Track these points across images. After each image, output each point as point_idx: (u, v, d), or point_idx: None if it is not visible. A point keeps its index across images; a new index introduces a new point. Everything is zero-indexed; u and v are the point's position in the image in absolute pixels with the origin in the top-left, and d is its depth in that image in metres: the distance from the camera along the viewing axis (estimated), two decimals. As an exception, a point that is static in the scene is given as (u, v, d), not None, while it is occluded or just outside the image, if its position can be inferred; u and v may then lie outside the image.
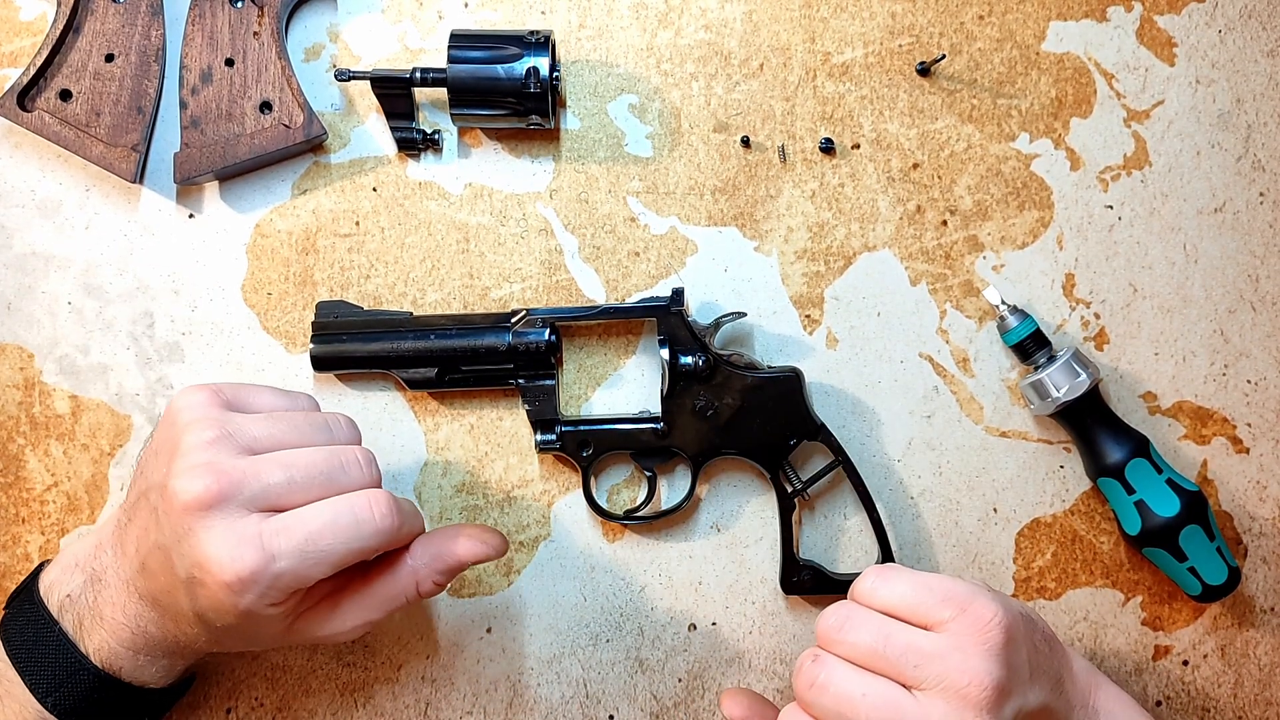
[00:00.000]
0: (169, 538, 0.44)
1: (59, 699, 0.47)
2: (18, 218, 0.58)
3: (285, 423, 0.47)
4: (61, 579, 0.49)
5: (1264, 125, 0.59)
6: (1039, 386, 0.55)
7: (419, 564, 0.49)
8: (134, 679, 0.49)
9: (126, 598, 0.48)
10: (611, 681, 0.58)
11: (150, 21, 0.56)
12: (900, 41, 0.59)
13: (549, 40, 0.55)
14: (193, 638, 0.47)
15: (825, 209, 0.58)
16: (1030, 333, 0.56)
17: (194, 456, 0.44)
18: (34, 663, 0.48)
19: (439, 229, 0.59)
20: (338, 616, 0.49)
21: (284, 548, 0.43)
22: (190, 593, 0.45)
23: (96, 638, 0.48)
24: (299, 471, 0.45)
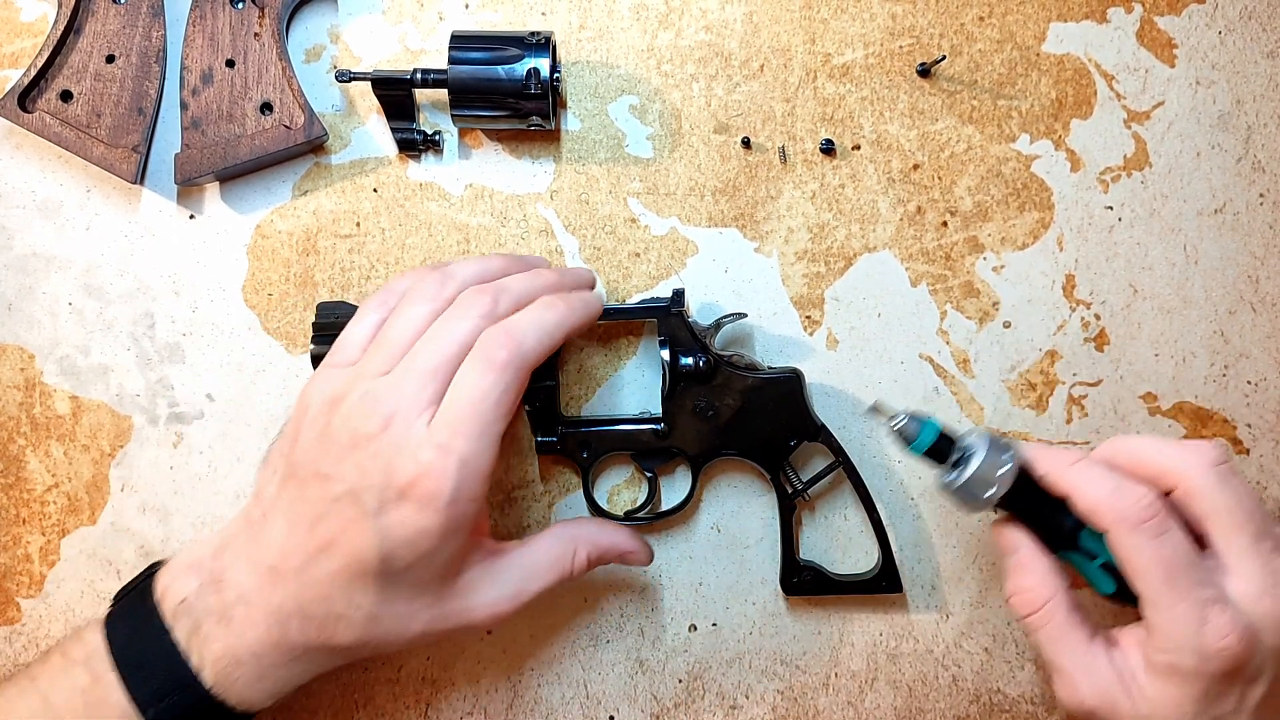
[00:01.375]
0: (348, 483, 0.45)
1: (160, 712, 0.45)
2: (18, 218, 0.58)
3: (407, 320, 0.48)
4: (177, 583, 0.47)
5: (1264, 126, 0.59)
6: (968, 490, 0.49)
7: (579, 533, 0.51)
8: (241, 701, 0.46)
9: (270, 590, 0.46)
10: (612, 682, 0.58)
11: (151, 22, 0.57)
12: (900, 43, 0.59)
13: (549, 41, 0.55)
14: (346, 622, 0.46)
15: (826, 210, 0.59)
16: (937, 435, 0.49)
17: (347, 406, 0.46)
18: (141, 671, 0.45)
19: (440, 230, 0.59)
20: (497, 581, 0.48)
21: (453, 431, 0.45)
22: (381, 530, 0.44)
23: (218, 645, 0.46)
24: (444, 352, 0.46)
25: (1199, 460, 0.46)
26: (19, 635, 0.58)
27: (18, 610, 0.58)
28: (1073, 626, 0.48)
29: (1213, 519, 0.46)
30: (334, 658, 0.48)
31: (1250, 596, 0.45)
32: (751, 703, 0.58)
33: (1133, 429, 0.58)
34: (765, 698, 0.58)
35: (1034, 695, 0.58)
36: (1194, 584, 0.44)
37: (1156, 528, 0.45)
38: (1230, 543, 0.45)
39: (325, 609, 0.46)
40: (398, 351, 0.47)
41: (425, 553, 0.45)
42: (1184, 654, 0.44)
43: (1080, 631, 0.47)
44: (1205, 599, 0.44)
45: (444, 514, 0.45)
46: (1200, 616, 0.44)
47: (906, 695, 0.58)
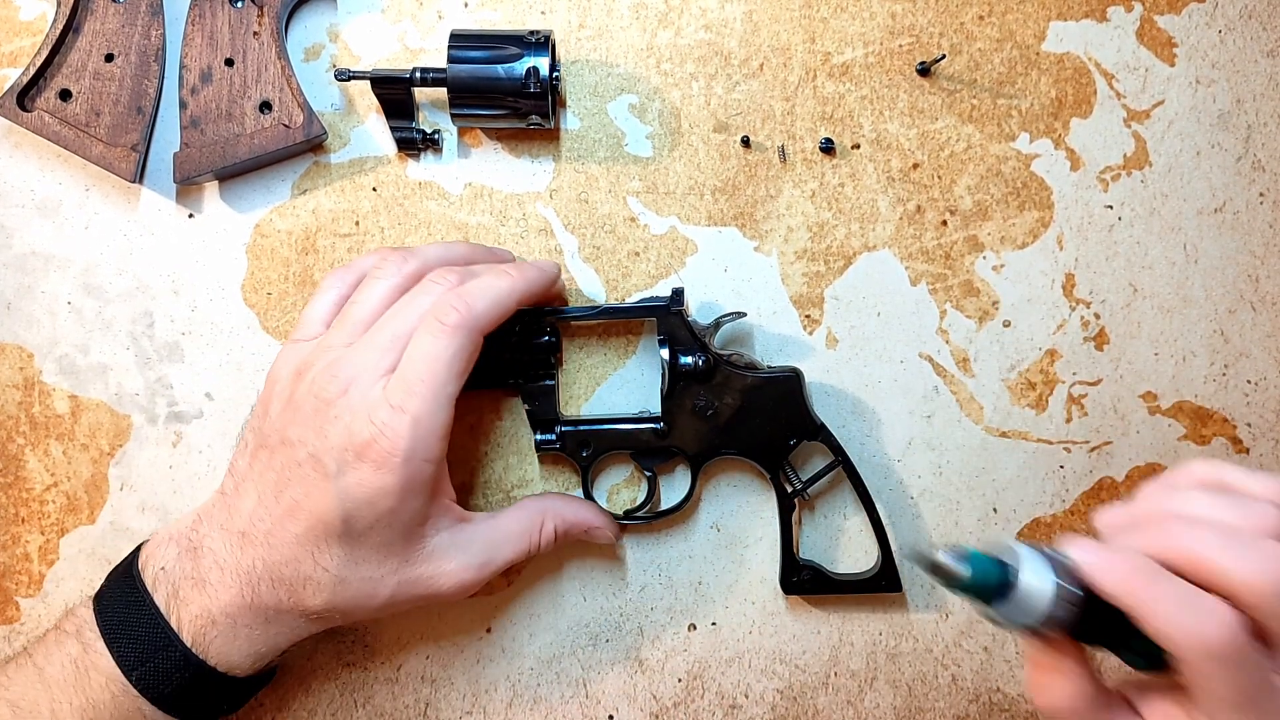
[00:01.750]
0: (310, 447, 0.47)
1: (144, 673, 0.47)
2: (17, 217, 0.58)
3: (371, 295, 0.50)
4: (156, 553, 0.50)
5: (1264, 125, 0.59)
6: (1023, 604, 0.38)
7: (547, 506, 0.53)
8: (221, 660, 0.48)
9: (240, 553, 0.48)
10: (611, 681, 0.58)
11: (150, 21, 0.56)
12: (900, 41, 0.59)
13: (549, 40, 0.55)
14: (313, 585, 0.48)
15: (825, 209, 0.58)
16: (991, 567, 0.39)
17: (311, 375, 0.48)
18: (124, 636, 0.48)
19: (439, 229, 0.59)
20: (463, 549, 0.50)
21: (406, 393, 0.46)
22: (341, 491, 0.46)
23: (194, 606, 0.48)
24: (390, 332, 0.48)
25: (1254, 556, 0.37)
26: (18, 635, 0.58)
27: (17, 609, 0.58)
28: None
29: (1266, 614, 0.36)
30: (306, 622, 0.50)
31: None
32: (751, 702, 0.58)
33: (1133, 428, 0.58)
34: (765, 697, 0.58)
35: (1034, 695, 0.58)
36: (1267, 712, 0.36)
37: (1238, 656, 0.36)
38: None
39: (293, 570, 0.48)
40: (361, 325, 0.49)
41: (385, 512, 0.47)
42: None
43: None
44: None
45: (399, 472, 0.46)
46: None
47: (906, 695, 0.58)
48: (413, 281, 0.51)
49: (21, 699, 0.48)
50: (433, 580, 0.49)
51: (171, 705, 0.48)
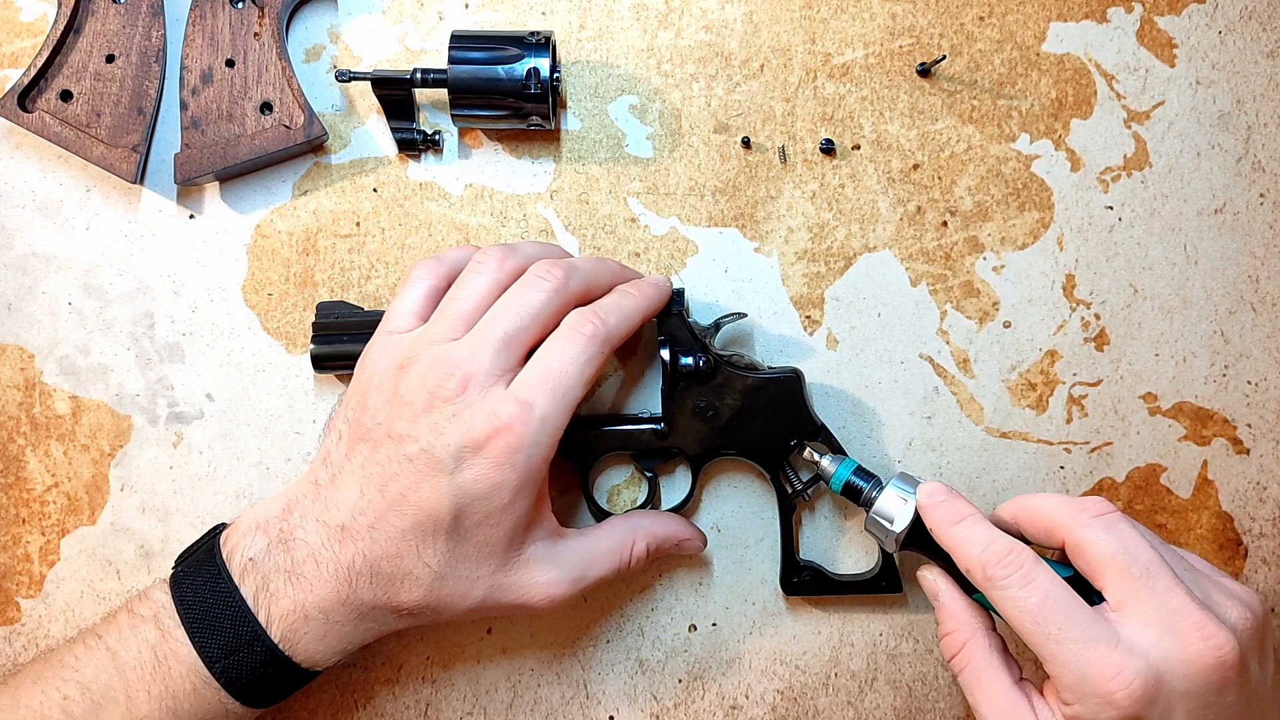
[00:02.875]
0: (423, 442, 0.47)
1: (227, 667, 0.46)
2: (18, 218, 0.58)
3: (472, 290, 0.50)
4: (243, 543, 0.48)
5: (1264, 126, 0.59)
6: (875, 523, 0.52)
7: (637, 525, 0.53)
8: (307, 657, 0.48)
9: (339, 547, 0.47)
10: (611, 682, 0.58)
11: (151, 22, 0.57)
12: (900, 42, 0.59)
13: (549, 41, 0.55)
14: (412, 580, 0.48)
15: (825, 210, 0.59)
16: (853, 470, 0.53)
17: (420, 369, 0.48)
18: (208, 627, 0.47)
19: (440, 230, 0.59)
20: (557, 563, 0.50)
21: (533, 392, 0.47)
22: (457, 486, 0.46)
23: (286, 600, 0.47)
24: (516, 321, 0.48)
25: (1080, 513, 0.47)
26: (19, 635, 0.58)
27: (17, 610, 0.58)
28: (994, 669, 0.48)
29: (1099, 567, 0.46)
30: (397, 619, 0.49)
31: (1150, 639, 0.44)
32: (751, 703, 0.58)
33: (1133, 429, 0.58)
34: (765, 698, 0.58)
35: (1034, 695, 0.58)
36: (1074, 627, 0.44)
37: (1022, 579, 0.45)
38: (1120, 587, 0.45)
39: (394, 566, 0.47)
40: (463, 318, 0.49)
41: (496, 509, 0.47)
42: (1084, 702, 0.44)
43: (1002, 674, 0.47)
44: (1087, 640, 0.44)
45: (519, 469, 0.46)
46: (1085, 659, 0.43)
47: (906, 695, 0.58)
48: (512, 277, 0.50)
49: (93, 682, 0.47)
50: (525, 589, 0.49)
51: (249, 697, 0.47)
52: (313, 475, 0.50)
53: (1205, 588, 0.46)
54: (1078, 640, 0.44)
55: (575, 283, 0.50)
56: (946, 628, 0.50)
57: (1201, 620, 0.43)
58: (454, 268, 0.52)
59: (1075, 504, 0.48)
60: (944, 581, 0.51)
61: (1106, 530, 0.46)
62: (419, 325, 0.50)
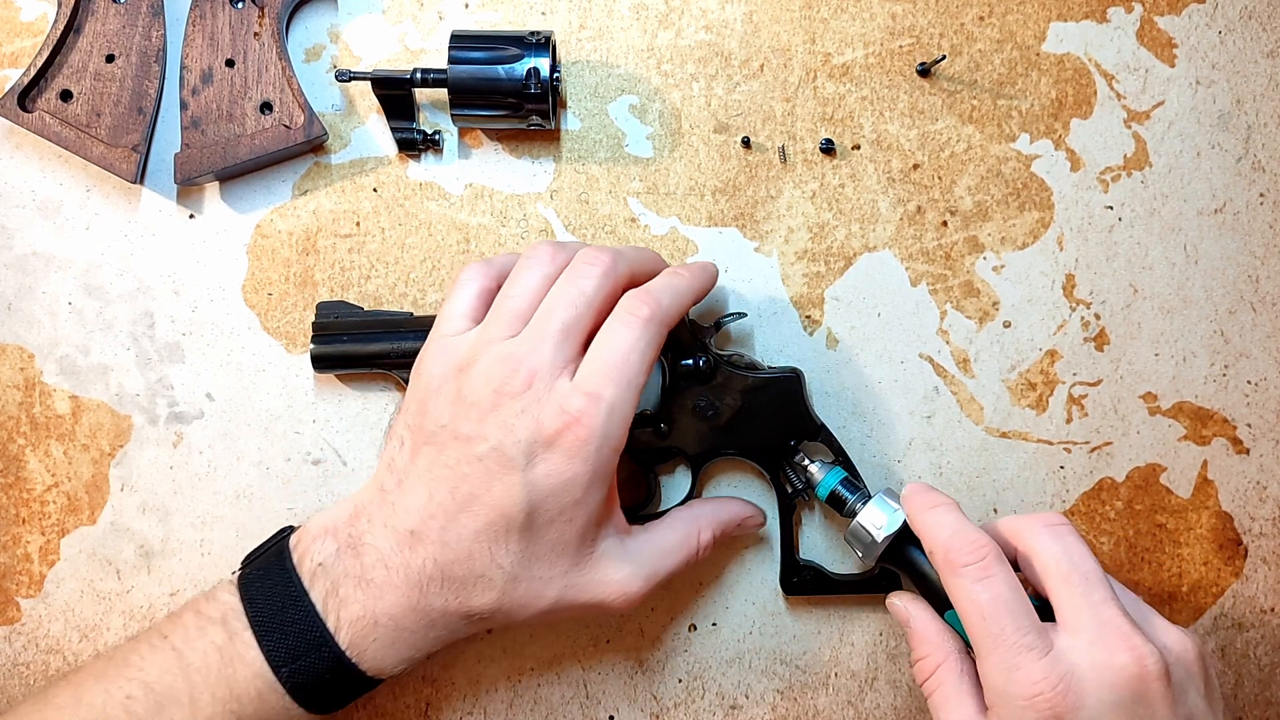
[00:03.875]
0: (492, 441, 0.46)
1: (293, 672, 0.46)
2: (18, 218, 0.58)
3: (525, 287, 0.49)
4: (313, 548, 0.48)
5: (1264, 126, 0.59)
6: (857, 533, 0.52)
7: (699, 513, 0.53)
8: (373, 664, 0.47)
9: (410, 552, 0.47)
10: (611, 682, 0.58)
11: (151, 22, 0.57)
12: (900, 42, 0.59)
13: (549, 41, 0.55)
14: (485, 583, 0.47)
15: (825, 210, 0.59)
16: (840, 479, 0.53)
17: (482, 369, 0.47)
18: (276, 631, 0.46)
19: (439, 229, 0.59)
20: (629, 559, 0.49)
21: (599, 381, 0.46)
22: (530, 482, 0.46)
23: (356, 606, 0.47)
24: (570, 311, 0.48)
25: (1033, 522, 0.48)
26: (18, 635, 0.58)
27: (17, 610, 0.58)
28: (963, 694, 0.48)
29: (1045, 574, 0.47)
30: (467, 624, 0.49)
31: (1079, 648, 0.45)
32: (751, 702, 0.58)
33: (1133, 429, 0.58)
34: (765, 697, 0.58)
35: (1034, 695, 0.58)
36: (1014, 632, 0.45)
37: (980, 572, 0.46)
38: (1060, 594, 0.46)
39: (466, 569, 0.47)
40: (520, 314, 0.49)
41: (569, 504, 0.47)
42: (1003, 704, 0.45)
43: (968, 699, 0.48)
44: (1021, 646, 0.44)
45: (591, 460, 0.46)
46: (1013, 664, 0.44)
47: (906, 695, 0.58)
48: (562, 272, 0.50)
49: (158, 682, 0.46)
50: (600, 587, 0.49)
51: (313, 703, 0.47)
52: (377, 482, 0.50)
53: (1145, 614, 0.48)
54: (1014, 645, 0.45)
55: (622, 266, 0.50)
56: (919, 652, 0.50)
57: (1128, 632, 0.44)
58: (502, 269, 0.52)
59: (1031, 516, 0.49)
60: (915, 606, 0.51)
61: (1055, 539, 0.47)
62: (473, 327, 0.50)
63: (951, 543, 0.47)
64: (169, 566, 0.58)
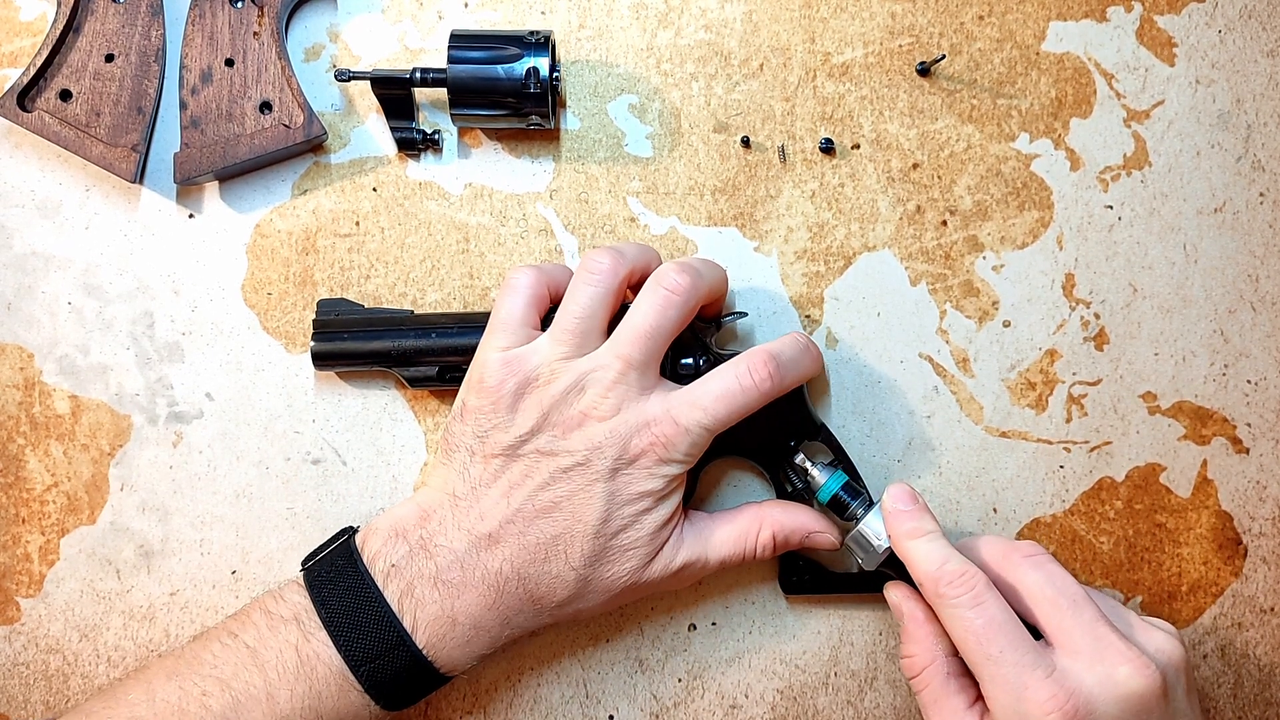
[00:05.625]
0: (578, 457, 0.49)
1: (372, 670, 0.47)
2: (17, 218, 0.58)
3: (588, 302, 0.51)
4: (384, 549, 0.49)
5: (1264, 125, 0.59)
6: (860, 539, 0.52)
7: (765, 513, 0.53)
8: (448, 662, 0.49)
9: (488, 555, 0.49)
10: (611, 681, 0.58)
11: (150, 22, 0.57)
12: (900, 42, 0.59)
13: (549, 40, 0.55)
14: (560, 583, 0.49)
15: (825, 209, 0.59)
16: (842, 485, 0.53)
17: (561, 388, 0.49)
18: (353, 631, 0.47)
19: (439, 229, 0.59)
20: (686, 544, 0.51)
21: (691, 419, 0.49)
22: (609, 493, 0.49)
23: (433, 607, 0.48)
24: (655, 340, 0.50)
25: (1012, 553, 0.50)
26: (18, 635, 0.58)
27: (17, 609, 0.58)
28: (950, 693, 0.49)
29: (1031, 604, 0.48)
30: (540, 617, 0.50)
31: (1080, 667, 0.46)
32: (751, 702, 0.58)
33: (1133, 428, 0.58)
34: (765, 697, 0.58)
35: (1034, 694, 0.58)
36: (1015, 654, 0.46)
37: (972, 600, 0.47)
38: (1051, 620, 0.47)
39: (541, 570, 0.49)
40: (587, 334, 0.50)
41: (642, 511, 0.49)
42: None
43: (958, 698, 0.49)
44: (1024, 666, 0.46)
45: (665, 480, 0.49)
46: (1020, 684, 0.45)
47: (906, 695, 0.58)
48: (623, 284, 0.51)
49: (234, 679, 0.47)
50: (662, 572, 0.51)
51: (389, 700, 0.48)
52: (447, 488, 0.50)
53: (1129, 622, 0.49)
54: (1016, 665, 0.46)
55: (702, 289, 0.51)
56: (908, 650, 0.51)
57: (1124, 647, 0.46)
58: (553, 276, 0.53)
59: (1008, 546, 0.50)
60: (910, 604, 0.52)
61: (1036, 569, 0.49)
62: (533, 336, 0.51)
63: (940, 575, 0.48)
64: (169, 566, 0.58)
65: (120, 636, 0.58)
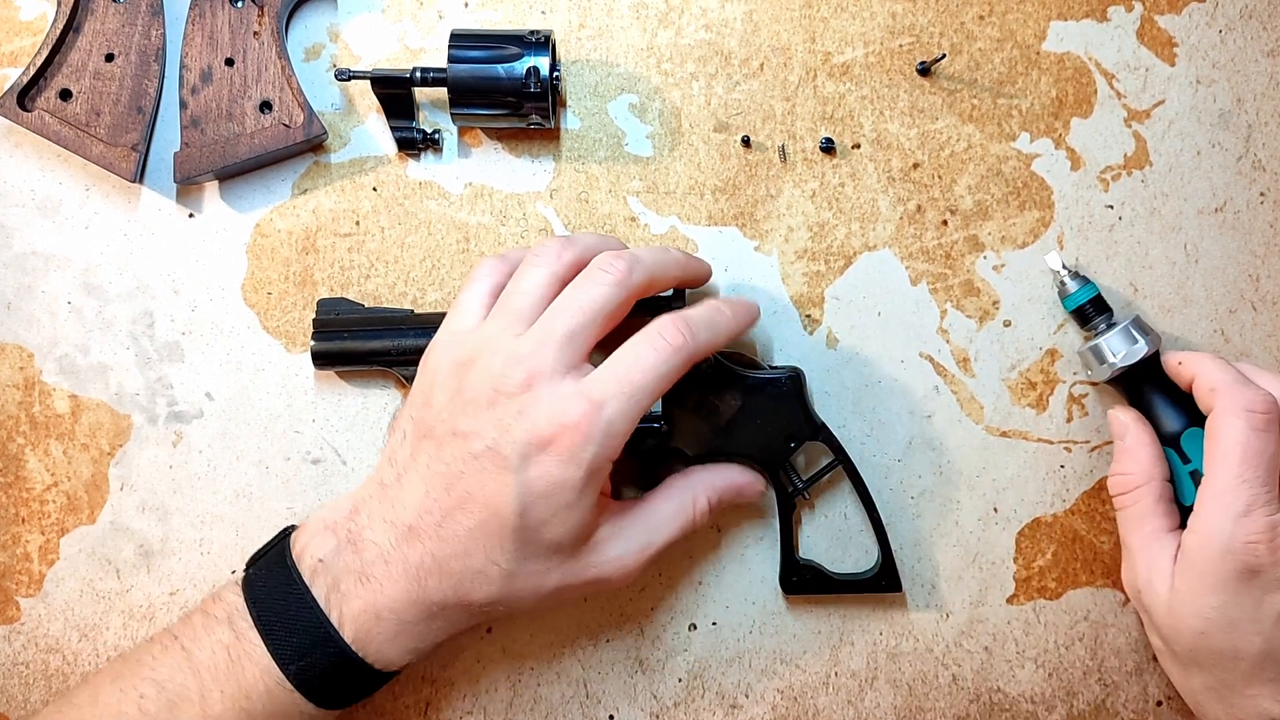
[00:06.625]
0: (488, 439, 0.46)
1: (301, 669, 0.47)
2: (18, 217, 0.58)
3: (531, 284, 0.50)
4: (313, 544, 0.49)
5: (1264, 125, 0.59)
6: (1097, 351, 0.55)
7: (695, 480, 0.53)
8: (379, 657, 0.48)
9: (408, 548, 0.47)
10: (611, 681, 0.58)
11: (150, 21, 0.56)
12: (901, 41, 0.59)
13: (549, 40, 0.55)
14: (483, 579, 0.47)
15: (825, 209, 0.58)
16: (1090, 298, 0.55)
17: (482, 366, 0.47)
18: (281, 629, 0.47)
19: (439, 228, 0.59)
20: (623, 536, 0.50)
21: (605, 392, 0.46)
22: (522, 484, 0.46)
23: (358, 601, 0.47)
24: (579, 317, 0.48)
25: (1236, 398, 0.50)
26: (18, 634, 0.58)
27: (17, 609, 0.58)
28: (1157, 515, 0.52)
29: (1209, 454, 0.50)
30: (470, 615, 0.49)
31: None
32: (751, 702, 0.58)
33: (1133, 428, 0.58)
34: (765, 697, 0.58)
35: (1034, 694, 0.58)
36: (1260, 484, 0.48)
37: (1262, 423, 0.49)
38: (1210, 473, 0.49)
39: (463, 565, 0.47)
40: (523, 314, 0.49)
41: (561, 506, 0.47)
42: (1213, 539, 0.48)
43: (1162, 520, 0.52)
44: (1260, 498, 0.48)
45: (584, 467, 0.46)
46: (1246, 507, 0.48)
47: (906, 694, 0.58)
48: (570, 270, 0.50)
49: (169, 680, 0.47)
50: (597, 568, 0.49)
51: (322, 698, 0.48)
52: (378, 476, 0.50)
53: None
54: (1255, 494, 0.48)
55: (638, 275, 0.50)
56: (1124, 468, 0.53)
57: None
58: (516, 265, 0.52)
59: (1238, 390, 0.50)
60: (1137, 425, 0.54)
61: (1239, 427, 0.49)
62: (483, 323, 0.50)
63: (1243, 390, 0.50)
64: (168, 566, 0.58)
65: (120, 636, 0.58)
